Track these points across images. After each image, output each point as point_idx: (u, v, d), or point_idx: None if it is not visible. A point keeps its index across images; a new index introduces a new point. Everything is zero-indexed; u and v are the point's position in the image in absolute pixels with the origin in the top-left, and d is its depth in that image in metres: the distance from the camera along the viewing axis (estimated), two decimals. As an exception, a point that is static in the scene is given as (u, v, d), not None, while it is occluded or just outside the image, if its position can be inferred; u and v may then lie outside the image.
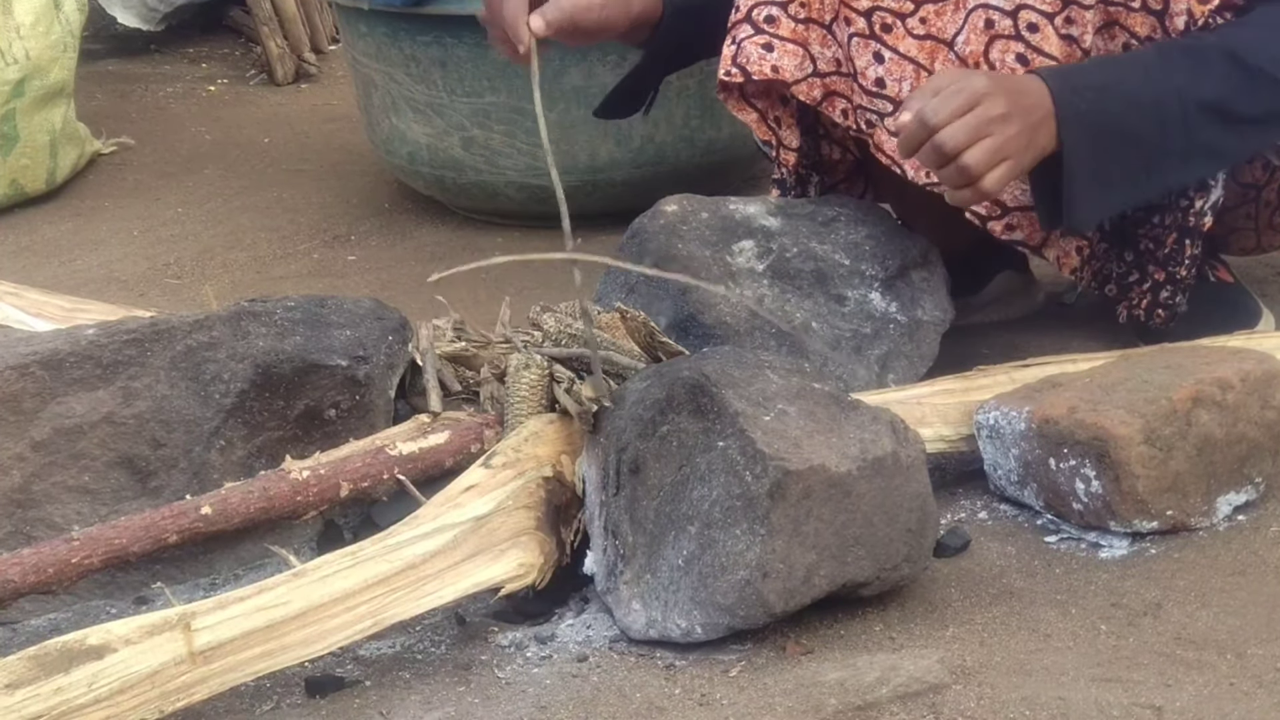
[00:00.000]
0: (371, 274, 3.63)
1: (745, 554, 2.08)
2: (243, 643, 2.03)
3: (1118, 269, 2.76)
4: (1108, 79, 2.52)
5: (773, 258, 2.66)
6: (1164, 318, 2.72)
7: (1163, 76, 2.50)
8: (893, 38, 2.63)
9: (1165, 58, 2.52)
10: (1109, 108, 2.48)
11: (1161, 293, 2.71)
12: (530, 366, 2.39)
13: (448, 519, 2.21)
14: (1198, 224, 2.66)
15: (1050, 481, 2.32)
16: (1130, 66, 2.54)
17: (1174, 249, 2.68)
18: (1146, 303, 2.73)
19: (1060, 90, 2.46)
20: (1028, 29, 2.56)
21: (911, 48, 2.63)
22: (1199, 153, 2.54)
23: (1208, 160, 2.58)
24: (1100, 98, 2.49)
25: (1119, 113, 2.49)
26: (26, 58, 4.07)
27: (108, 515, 2.34)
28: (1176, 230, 2.67)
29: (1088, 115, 2.47)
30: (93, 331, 2.44)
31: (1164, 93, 2.50)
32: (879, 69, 2.64)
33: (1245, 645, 2.05)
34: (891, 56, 2.63)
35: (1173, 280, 2.70)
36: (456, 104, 3.65)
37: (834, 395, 2.23)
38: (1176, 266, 2.69)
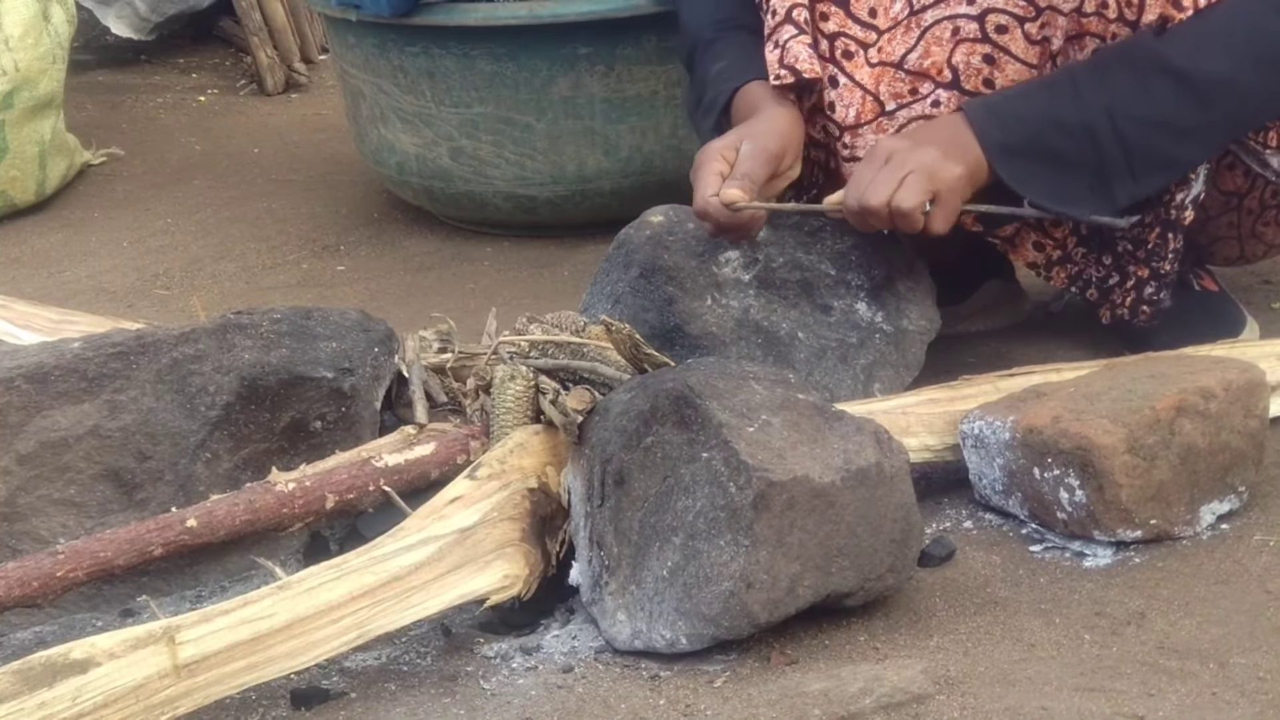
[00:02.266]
0: (360, 284, 3.63)
1: (729, 565, 2.09)
2: (228, 655, 2.03)
3: (1097, 273, 2.76)
4: (1030, 107, 2.55)
5: (759, 268, 2.66)
6: (1148, 314, 2.73)
7: (1092, 96, 2.52)
8: (852, 65, 2.65)
9: (1097, 75, 2.53)
10: (1036, 135, 2.54)
11: (1146, 289, 2.72)
12: (516, 378, 2.39)
13: (433, 531, 2.21)
14: (1179, 218, 2.67)
15: (1035, 491, 2.33)
16: (1058, 90, 2.55)
17: (1157, 244, 2.69)
18: (1130, 300, 2.73)
19: (986, 127, 2.52)
20: (995, 31, 2.58)
21: (865, 76, 2.64)
22: (1148, 166, 2.55)
23: (1163, 170, 2.59)
24: (1023, 126, 2.54)
25: (1049, 140, 2.54)
26: (15, 69, 4.07)
27: (93, 528, 2.34)
28: (1159, 225, 2.67)
29: (1014, 146, 2.52)
30: (78, 345, 2.44)
31: (1093, 114, 2.53)
32: (832, 93, 2.66)
33: (1228, 654, 2.06)
34: (845, 82, 2.65)
35: (1157, 276, 2.71)
36: (444, 114, 3.66)
37: (818, 406, 2.23)
38: (1160, 262, 2.70)
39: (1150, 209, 2.67)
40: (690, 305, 2.60)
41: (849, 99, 2.65)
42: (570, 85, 3.59)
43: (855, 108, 2.65)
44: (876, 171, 2.50)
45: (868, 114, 2.65)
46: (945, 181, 2.50)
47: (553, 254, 3.70)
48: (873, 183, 2.49)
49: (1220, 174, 2.74)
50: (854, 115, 2.65)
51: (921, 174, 2.48)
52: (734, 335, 2.60)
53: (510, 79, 3.59)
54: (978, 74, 2.60)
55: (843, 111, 2.66)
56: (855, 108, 2.65)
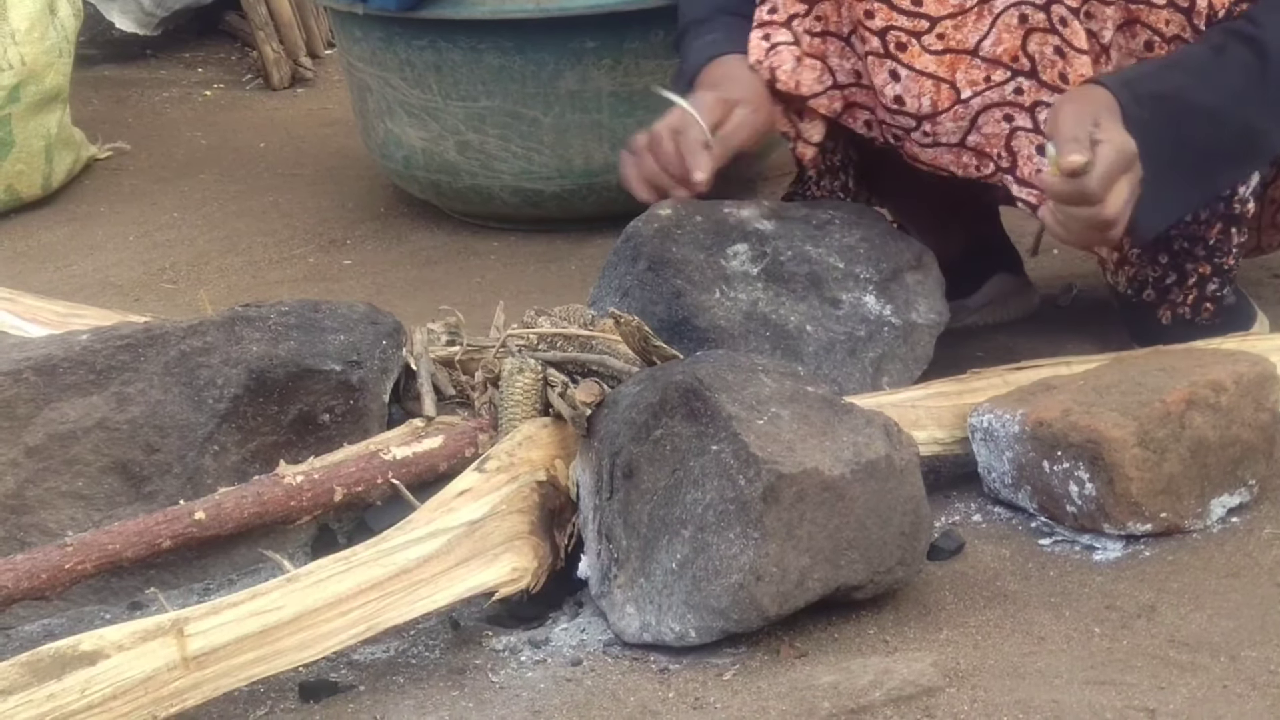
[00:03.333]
0: (367, 278, 3.63)
1: (739, 557, 2.08)
2: (236, 648, 2.03)
3: (1153, 273, 2.74)
4: (1167, 86, 2.53)
5: (767, 261, 2.66)
6: (1212, 311, 2.72)
7: (1220, 81, 2.52)
8: (908, 56, 2.63)
9: (1221, 60, 2.52)
10: (1169, 116, 2.51)
11: (1209, 286, 2.71)
12: (524, 370, 2.39)
13: (441, 524, 2.21)
14: (1242, 211, 2.67)
15: (1044, 484, 2.32)
16: (1188, 71, 2.54)
17: (1219, 239, 2.68)
18: (1193, 298, 2.72)
19: (1126, 101, 2.48)
20: (1059, 23, 2.56)
21: (929, 63, 2.63)
22: (1251, 152, 2.57)
23: (1257, 158, 2.62)
24: (1160, 106, 2.51)
25: (1178, 121, 2.52)
26: (22, 63, 4.06)
27: (101, 521, 2.34)
28: (1220, 220, 2.67)
29: (1150, 125, 2.48)
30: (86, 337, 2.43)
31: (1220, 99, 2.52)
32: (896, 87, 2.65)
33: (1239, 647, 2.05)
34: (908, 74, 2.64)
35: (1220, 272, 2.70)
36: (451, 108, 3.65)
37: (827, 399, 2.23)
38: (1223, 257, 2.69)
39: (1208, 205, 2.66)
40: (698, 298, 2.60)
41: (917, 89, 2.64)
42: (577, 79, 3.59)
43: (929, 96, 2.64)
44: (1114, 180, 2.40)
45: (944, 101, 2.63)
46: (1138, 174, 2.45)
47: (560, 248, 3.69)
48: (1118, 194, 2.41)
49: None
50: (929, 104, 2.64)
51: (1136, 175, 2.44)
52: (742, 328, 2.59)
53: (517, 73, 3.58)
54: (1052, 66, 2.58)
55: (914, 102, 2.65)
56: (929, 96, 2.64)
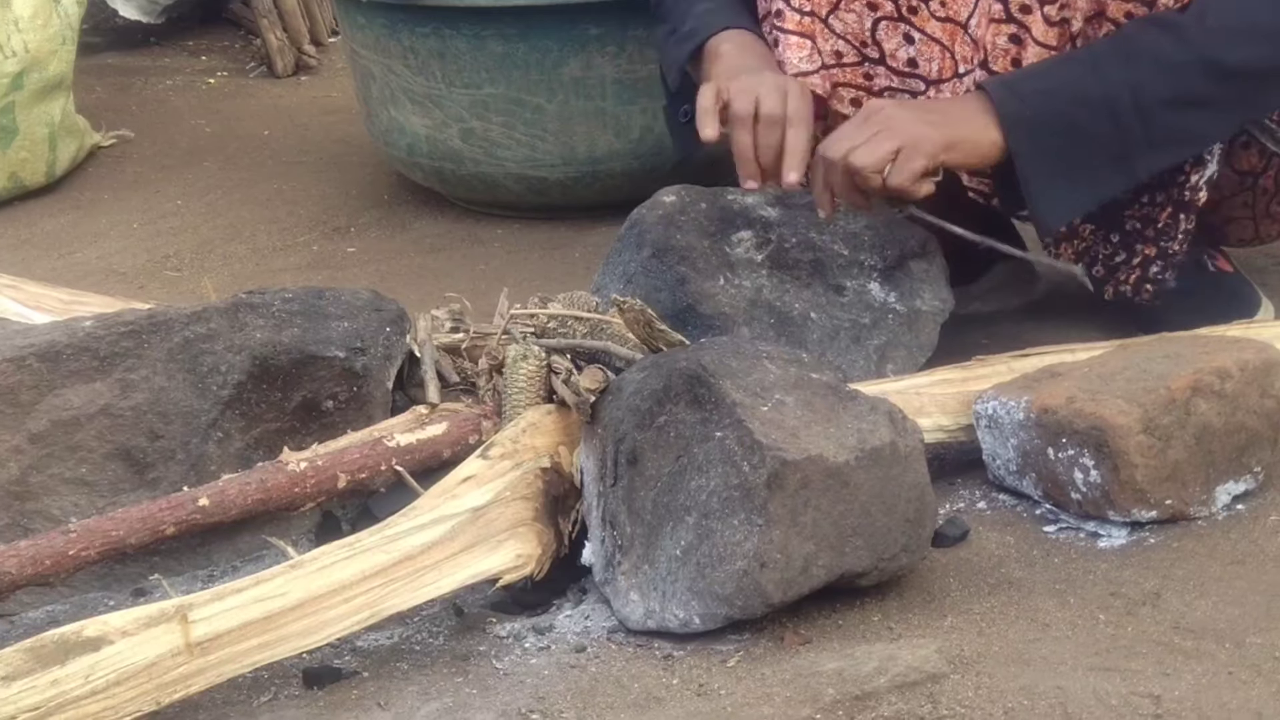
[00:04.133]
0: (371, 265, 3.63)
1: (743, 544, 2.08)
2: (240, 634, 2.03)
3: (1104, 250, 2.76)
4: (1053, 82, 2.54)
5: (771, 248, 2.66)
6: (1151, 293, 2.73)
7: (1114, 71, 2.51)
8: (920, 19, 2.65)
9: (1118, 50, 2.52)
10: (1056, 109, 2.52)
11: (1151, 268, 2.71)
12: (528, 357, 2.39)
13: (445, 510, 2.21)
14: (1193, 199, 2.66)
15: (1049, 471, 2.32)
16: (1079, 65, 2.54)
17: (1168, 224, 2.68)
18: (1135, 278, 2.73)
19: (1002, 97, 2.51)
20: (1019, 10, 2.56)
21: (936, 29, 2.65)
22: (1168, 140, 2.55)
23: (1181, 145, 2.59)
24: (1046, 100, 2.52)
25: (1067, 113, 2.52)
26: (25, 50, 4.06)
27: (105, 507, 2.34)
28: (1171, 205, 2.67)
29: (1034, 119, 2.51)
30: (90, 324, 2.43)
31: (1114, 88, 2.51)
32: (910, 50, 2.66)
33: (1244, 634, 2.05)
34: (921, 37, 2.65)
35: (1164, 255, 2.70)
36: (455, 95, 3.65)
37: (832, 385, 2.23)
38: (1169, 241, 2.69)
39: (1162, 189, 2.66)
40: (702, 285, 2.60)
41: (929, 53, 2.66)
42: (581, 66, 3.58)
43: (937, 62, 2.66)
44: (853, 129, 2.50)
45: (948, 71, 2.65)
46: (912, 140, 2.47)
47: (563, 235, 3.69)
48: (841, 138, 2.50)
49: (1235, 153, 2.74)
50: (936, 70, 2.66)
51: (889, 134, 2.47)
52: (746, 315, 2.59)
53: (521, 60, 3.58)
54: (1005, 55, 2.59)
55: (926, 65, 2.67)
56: (937, 62, 2.66)
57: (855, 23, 2.67)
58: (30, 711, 1.90)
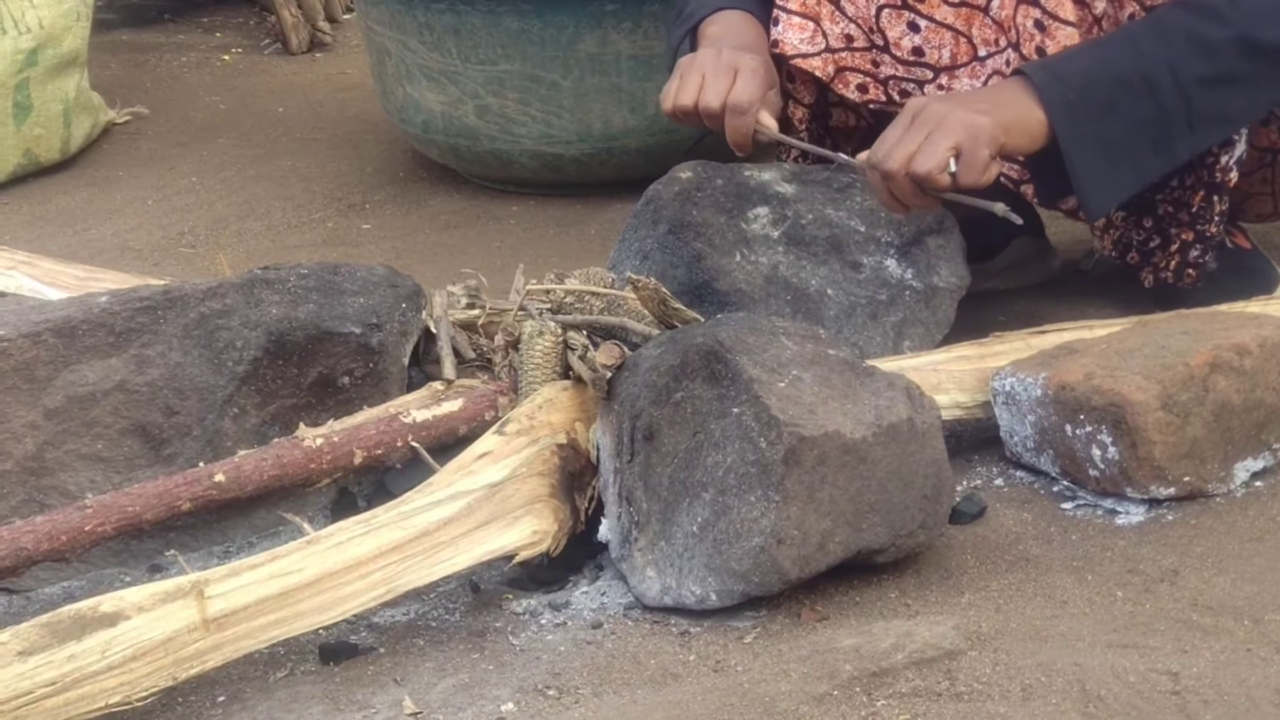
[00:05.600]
0: (386, 242, 3.62)
1: (760, 520, 2.08)
2: (256, 610, 2.02)
3: (1138, 236, 2.75)
4: (1093, 64, 2.51)
5: (788, 224, 2.65)
6: (1194, 277, 2.72)
7: (1152, 51, 2.49)
8: (926, 6, 2.64)
9: (1155, 31, 2.51)
10: (1098, 92, 2.50)
11: (1191, 252, 2.71)
12: (544, 333, 2.38)
13: (461, 486, 2.21)
14: (1224, 180, 2.66)
15: (1066, 448, 2.31)
16: (1118, 46, 2.53)
17: (1202, 207, 2.68)
18: (1176, 264, 2.72)
19: (1045, 83, 2.48)
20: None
21: (948, 15, 2.63)
22: (1206, 119, 2.53)
23: (1218, 124, 2.57)
24: (1088, 82, 2.50)
25: (1110, 96, 2.50)
26: (40, 27, 4.06)
27: (121, 483, 2.34)
28: (1204, 188, 2.66)
29: (1077, 103, 2.48)
30: (106, 299, 2.43)
31: (1154, 68, 2.49)
32: (915, 38, 2.65)
33: (1262, 611, 2.05)
34: (927, 24, 2.64)
35: (1202, 239, 2.70)
36: (471, 72, 3.64)
37: (849, 362, 2.22)
38: (1205, 224, 2.69)
39: (1192, 172, 2.65)
40: (719, 261, 2.59)
41: (937, 40, 2.64)
42: (597, 42, 3.57)
43: (949, 49, 2.64)
44: (902, 133, 2.43)
45: (963, 56, 2.64)
46: (969, 133, 2.40)
47: (579, 212, 3.69)
48: (894, 145, 2.43)
49: (1255, 130, 2.73)
50: (949, 56, 2.64)
51: (943, 131, 2.40)
52: (763, 292, 2.58)
53: (537, 36, 3.57)
54: (1031, 39, 2.57)
55: (933, 53, 2.65)
56: (949, 49, 2.64)
57: (864, 6, 2.67)
58: (47, 686, 1.90)
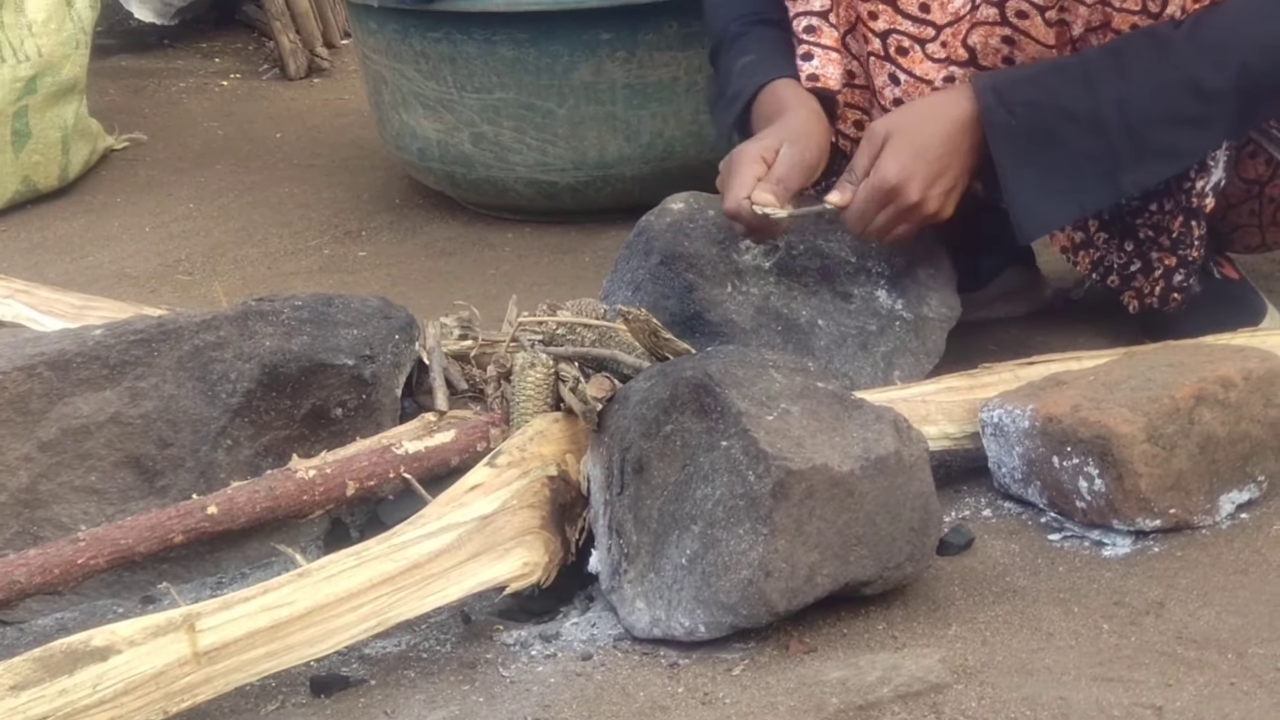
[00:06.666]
0: (382, 269, 3.64)
1: (748, 553, 2.09)
2: (247, 643, 2.04)
3: (1118, 260, 2.76)
4: (1043, 93, 2.54)
5: (779, 255, 2.66)
6: (1179, 301, 2.73)
7: (1104, 86, 2.51)
8: (909, 61, 2.65)
9: (1110, 65, 2.52)
10: (1043, 123, 2.54)
11: (1175, 277, 2.72)
12: (536, 365, 2.40)
13: (453, 518, 2.22)
14: (1200, 205, 2.67)
15: (1054, 479, 2.33)
16: (1070, 76, 2.55)
17: (1181, 232, 2.69)
18: (1160, 289, 2.73)
19: (989, 107, 2.52)
20: (1015, 15, 2.57)
21: (929, 70, 2.64)
22: (1155, 157, 2.55)
23: (1168, 161, 2.58)
24: (1034, 113, 2.53)
25: (1055, 128, 2.54)
26: (39, 55, 4.08)
27: (115, 515, 2.35)
28: (1181, 214, 2.67)
29: (1019, 131, 2.53)
30: (100, 332, 2.44)
31: (1103, 105, 2.52)
32: (896, 90, 2.66)
33: (1246, 645, 2.05)
34: (907, 79, 2.65)
35: (1185, 264, 2.71)
36: (466, 100, 3.66)
37: (837, 394, 2.23)
38: (1186, 250, 2.70)
39: (1170, 197, 2.67)
40: (710, 292, 2.61)
41: (915, 94, 2.65)
42: (592, 71, 3.59)
43: None
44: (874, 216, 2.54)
45: None
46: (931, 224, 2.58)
47: (574, 239, 3.70)
48: (870, 231, 2.56)
49: (1242, 162, 2.74)
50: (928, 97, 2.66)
51: (913, 227, 2.56)
52: (754, 323, 2.60)
53: (532, 64, 3.59)
54: (996, 54, 2.59)
55: None
56: None
57: (859, 49, 2.69)
58: (39, 720, 1.92)
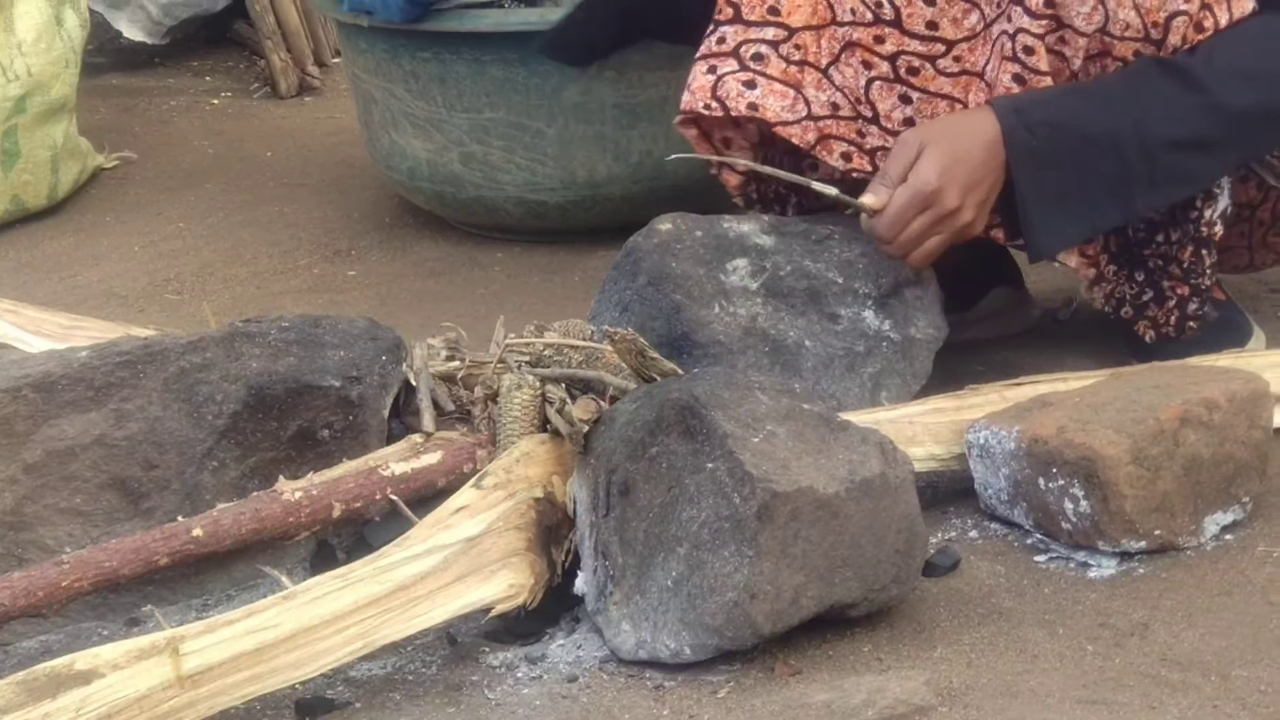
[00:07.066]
0: (371, 289, 3.64)
1: (733, 575, 2.09)
2: (232, 666, 2.04)
3: (1130, 290, 2.76)
4: (1063, 115, 2.56)
5: (766, 276, 2.66)
6: (1195, 329, 2.74)
7: (1122, 109, 2.53)
8: (920, 79, 2.66)
9: (1128, 88, 2.54)
10: (1062, 144, 2.55)
11: (1190, 305, 2.73)
12: (522, 386, 2.40)
13: (439, 540, 2.22)
14: (1210, 234, 2.68)
15: (1039, 501, 2.33)
16: (1089, 99, 2.56)
17: (1192, 262, 2.70)
18: (1175, 318, 2.73)
19: (1013, 127, 2.54)
20: (1023, 51, 2.57)
21: (944, 85, 2.65)
22: (1169, 180, 2.57)
23: (1182, 184, 2.60)
24: (1053, 134, 2.55)
25: (1073, 149, 2.55)
26: (28, 74, 4.08)
27: (100, 537, 2.34)
28: (1190, 243, 2.69)
29: (1039, 151, 2.55)
30: (85, 353, 2.44)
31: (1120, 127, 2.54)
32: (907, 109, 2.67)
33: (1230, 667, 2.06)
34: (920, 97, 2.66)
35: (1198, 293, 2.72)
36: (455, 119, 3.66)
37: (823, 416, 2.23)
38: (1199, 278, 2.71)
39: (1177, 227, 2.67)
40: (698, 313, 2.60)
41: (930, 110, 2.66)
42: (581, 91, 3.59)
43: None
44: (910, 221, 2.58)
45: None
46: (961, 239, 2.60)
47: (564, 259, 3.70)
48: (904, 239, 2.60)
49: (1234, 186, 2.74)
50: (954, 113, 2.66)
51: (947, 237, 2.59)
52: (741, 343, 2.59)
53: (521, 84, 3.59)
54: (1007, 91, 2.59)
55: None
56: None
57: (852, 78, 2.68)
58: (22, 745, 1.92)
